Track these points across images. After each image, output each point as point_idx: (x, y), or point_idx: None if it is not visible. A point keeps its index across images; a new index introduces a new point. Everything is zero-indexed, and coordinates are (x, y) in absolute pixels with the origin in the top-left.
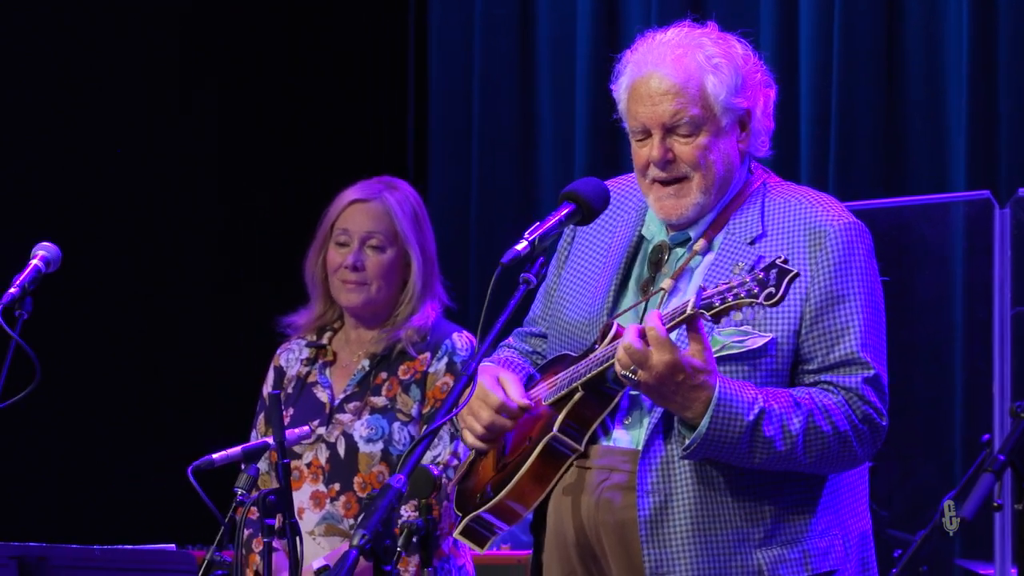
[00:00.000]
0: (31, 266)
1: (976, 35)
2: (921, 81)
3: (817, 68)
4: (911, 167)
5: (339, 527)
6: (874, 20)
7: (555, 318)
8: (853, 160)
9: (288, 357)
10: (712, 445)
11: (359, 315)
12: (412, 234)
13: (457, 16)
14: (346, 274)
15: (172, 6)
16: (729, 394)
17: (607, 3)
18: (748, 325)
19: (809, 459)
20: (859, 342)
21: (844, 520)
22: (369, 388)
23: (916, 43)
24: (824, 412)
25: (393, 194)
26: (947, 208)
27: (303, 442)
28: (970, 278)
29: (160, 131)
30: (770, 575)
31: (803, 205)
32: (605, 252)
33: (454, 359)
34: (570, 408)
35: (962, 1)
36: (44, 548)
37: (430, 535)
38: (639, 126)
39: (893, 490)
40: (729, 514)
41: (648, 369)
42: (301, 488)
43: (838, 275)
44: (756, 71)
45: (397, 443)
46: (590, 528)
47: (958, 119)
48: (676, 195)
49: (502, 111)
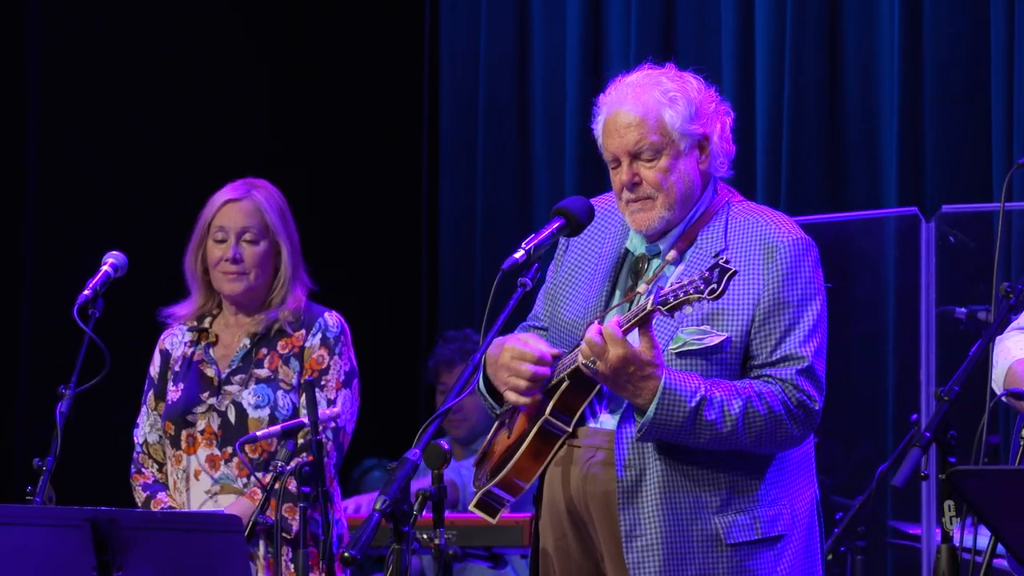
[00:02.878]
0: (102, 271)
1: (906, 76)
2: (858, 114)
3: (770, 103)
4: (850, 187)
5: (234, 486)
6: (818, 62)
7: (554, 316)
8: (801, 181)
9: (172, 341)
10: (660, 428)
11: (239, 302)
12: (280, 226)
13: (464, 59)
14: (227, 266)
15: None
16: (674, 384)
17: (592, 47)
18: (707, 325)
19: (749, 438)
20: (799, 341)
21: (792, 492)
22: (252, 362)
23: (854, 82)
24: (761, 398)
25: (260, 192)
26: (881, 222)
27: (195, 410)
28: (900, 283)
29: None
30: (725, 537)
31: (760, 223)
32: (596, 260)
33: (327, 334)
34: (559, 395)
35: (894, 47)
36: (113, 511)
37: (441, 501)
38: (611, 156)
39: (836, 462)
40: (691, 485)
41: (604, 361)
42: (196, 452)
43: (786, 284)
44: (711, 101)
45: (281, 408)
46: (579, 498)
47: (890, 146)
48: (644, 210)
49: (502, 140)
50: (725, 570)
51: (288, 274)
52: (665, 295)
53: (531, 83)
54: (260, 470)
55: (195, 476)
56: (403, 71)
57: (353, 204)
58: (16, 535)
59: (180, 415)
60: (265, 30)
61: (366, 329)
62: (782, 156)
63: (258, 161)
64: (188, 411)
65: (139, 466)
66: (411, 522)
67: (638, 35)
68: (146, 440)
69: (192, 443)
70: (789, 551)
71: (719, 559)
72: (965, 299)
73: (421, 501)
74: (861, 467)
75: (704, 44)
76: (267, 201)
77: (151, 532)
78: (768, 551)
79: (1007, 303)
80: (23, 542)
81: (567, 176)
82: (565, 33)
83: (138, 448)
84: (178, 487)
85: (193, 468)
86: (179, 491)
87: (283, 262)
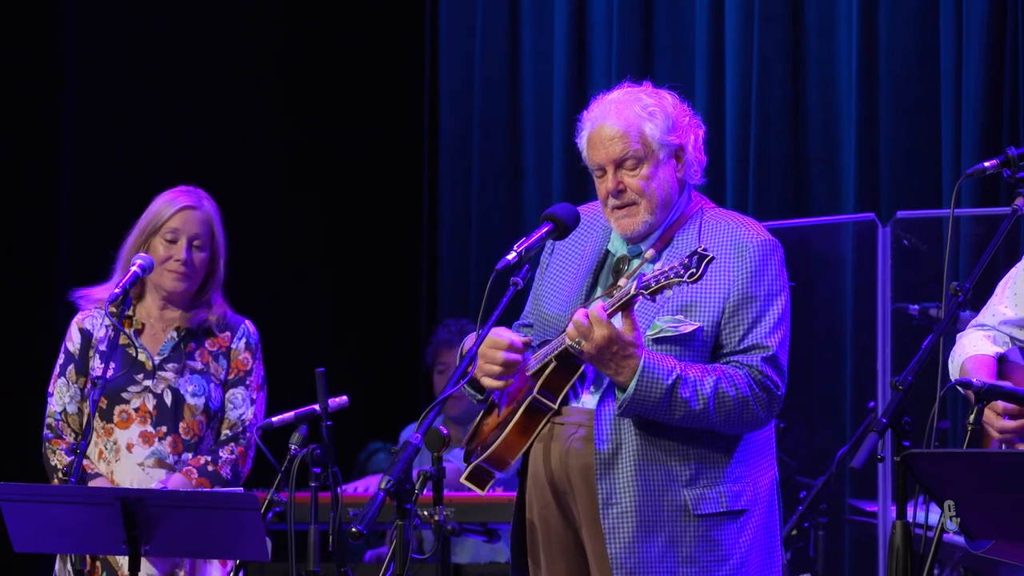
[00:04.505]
0: (131, 272)
1: (862, 93)
2: (820, 127)
3: (739, 117)
4: (812, 194)
5: (166, 461)
6: (782, 80)
7: (538, 312)
8: (767, 189)
9: (92, 322)
10: (639, 404)
11: (172, 298)
12: (221, 239)
13: (461, 80)
14: (177, 266)
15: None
16: (652, 364)
17: (577, 68)
18: (681, 315)
19: (719, 417)
20: (765, 332)
21: (754, 471)
22: (183, 354)
23: (816, 99)
24: (730, 380)
25: (210, 204)
26: (841, 227)
27: (130, 389)
28: (858, 282)
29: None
30: (693, 508)
31: (731, 225)
32: (578, 261)
33: (250, 340)
34: (546, 375)
35: (852, 66)
36: (141, 491)
37: (440, 481)
38: (596, 165)
39: (799, 446)
40: (664, 459)
41: (590, 340)
42: (130, 428)
43: (754, 280)
44: (685, 115)
45: (214, 399)
46: (561, 470)
47: (848, 157)
48: (628, 215)
49: (495, 152)
50: (692, 538)
51: (219, 281)
52: (648, 280)
53: (522, 101)
54: (191, 451)
55: (127, 449)
56: (407, 91)
57: (360, 209)
58: (55, 513)
59: (115, 392)
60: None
61: (371, 324)
62: (750, 166)
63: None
64: (123, 389)
65: (58, 432)
66: (413, 500)
67: (619, 57)
68: (65, 409)
69: (126, 419)
70: (751, 525)
71: (687, 528)
72: (918, 297)
73: (422, 481)
74: (822, 450)
75: (679, 65)
76: (215, 214)
77: (175, 510)
78: (732, 523)
79: (956, 301)
80: (62, 518)
81: (555, 185)
82: (552, 56)
83: (57, 416)
84: (105, 457)
85: (125, 441)
86: (105, 460)
87: (217, 270)
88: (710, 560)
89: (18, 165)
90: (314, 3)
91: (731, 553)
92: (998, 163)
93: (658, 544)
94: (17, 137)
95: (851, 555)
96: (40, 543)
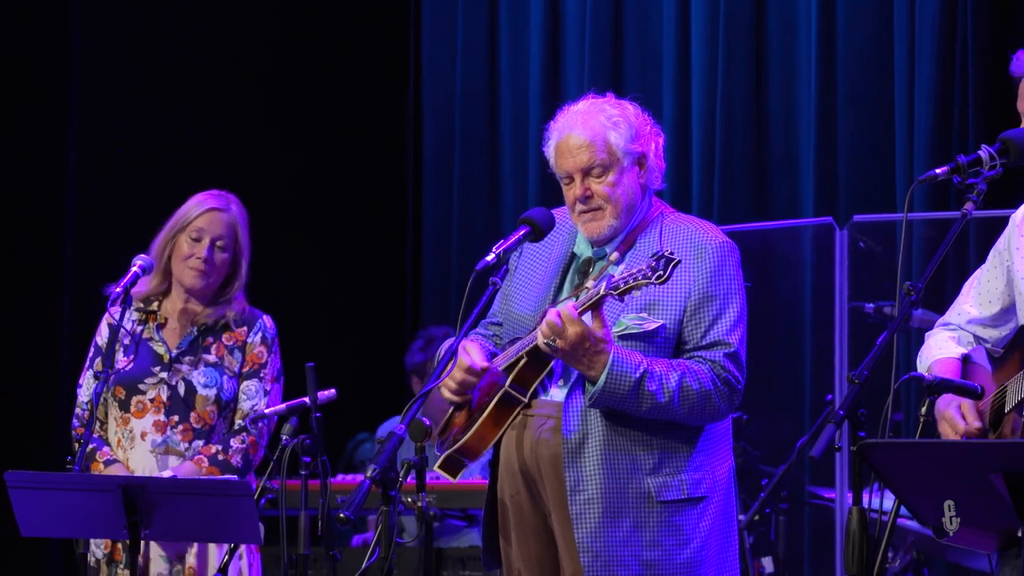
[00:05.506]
0: (131, 272)
1: (821, 104)
2: (781, 136)
3: (704, 127)
4: (774, 199)
5: (177, 448)
6: (745, 91)
7: (507, 311)
8: (731, 194)
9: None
10: (608, 396)
11: (195, 293)
12: (245, 243)
13: (443, 95)
14: (198, 263)
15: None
16: (621, 359)
17: (551, 83)
18: (646, 313)
19: (683, 409)
20: (725, 330)
21: (713, 461)
22: (200, 348)
23: (777, 109)
24: (694, 375)
25: (236, 208)
26: (800, 230)
27: (146, 380)
28: (817, 282)
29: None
30: (656, 495)
31: (690, 229)
32: (545, 263)
33: (266, 335)
34: (517, 370)
35: (811, 79)
36: (143, 479)
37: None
38: (564, 173)
39: (762, 437)
40: (628, 449)
41: (564, 338)
42: (144, 417)
43: (713, 280)
44: (646, 124)
45: (226, 390)
46: (531, 459)
47: (807, 164)
48: (595, 219)
49: (475, 162)
50: (655, 523)
51: (241, 281)
52: (616, 282)
53: (499, 114)
54: (202, 439)
55: (141, 437)
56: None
57: (350, 216)
58: (60, 499)
59: (132, 383)
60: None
61: (359, 321)
62: (715, 173)
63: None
64: (140, 380)
65: (84, 421)
66: (397, 487)
67: (591, 72)
68: (90, 399)
69: (141, 408)
70: (710, 511)
71: (651, 514)
72: (873, 296)
73: (406, 469)
74: (783, 441)
75: (647, 78)
76: (241, 218)
77: (174, 496)
78: (692, 509)
79: (909, 300)
80: (67, 504)
81: (530, 192)
82: (528, 72)
83: (83, 406)
84: (122, 444)
85: (140, 430)
86: (123, 448)
87: (239, 271)
88: (672, 544)
89: (20, 165)
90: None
91: (692, 537)
92: (949, 170)
93: (623, 529)
94: (17, 137)
95: (810, 539)
96: (46, 528)
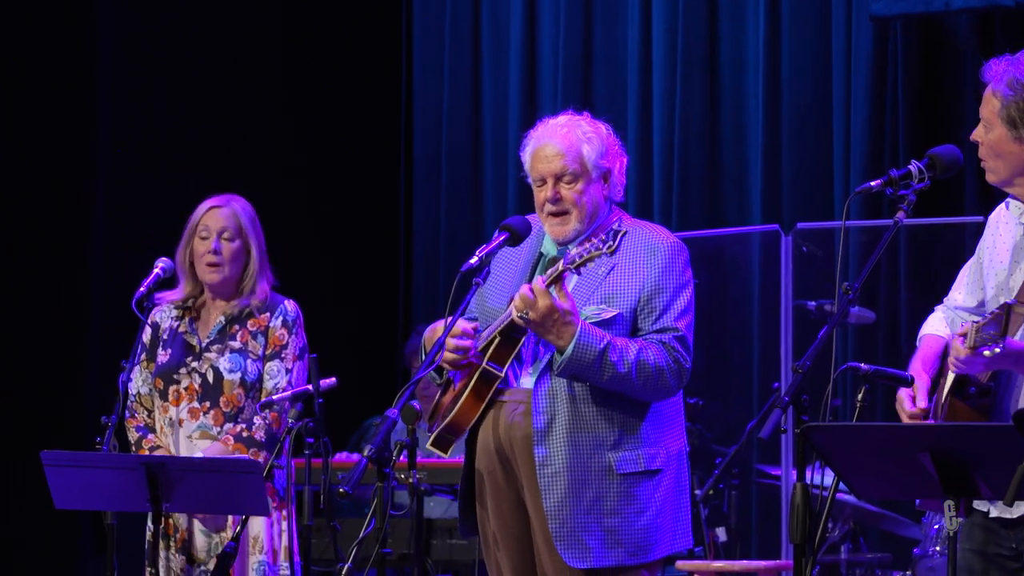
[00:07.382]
0: (153, 273)
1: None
2: (733, 153)
3: (664, 142)
4: (726, 208)
5: (210, 432)
6: (701, 112)
7: (482, 307)
8: (688, 204)
9: (161, 316)
10: (575, 364)
11: (216, 289)
12: (251, 230)
13: (432, 111)
14: (209, 257)
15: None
16: (587, 331)
17: (529, 102)
18: (604, 304)
19: (640, 381)
20: (673, 317)
21: (666, 437)
22: (227, 336)
23: (729, 127)
24: (649, 351)
25: (238, 202)
26: (749, 236)
27: (180, 371)
28: (764, 282)
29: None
30: (616, 468)
31: (644, 232)
32: (516, 263)
33: (287, 318)
34: (492, 349)
35: (759, 99)
36: (163, 458)
37: (414, 450)
38: (539, 176)
39: (715, 420)
40: (591, 427)
41: (535, 310)
42: (180, 405)
43: (664, 274)
44: (615, 144)
45: (250, 373)
46: (505, 440)
47: (756, 178)
48: (562, 223)
49: (460, 173)
50: (615, 494)
51: (256, 268)
52: (572, 257)
53: (482, 130)
54: (231, 421)
55: (179, 424)
56: (386, 120)
57: (346, 222)
58: (90, 475)
59: (168, 374)
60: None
61: (355, 318)
62: (673, 185)
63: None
64: (175, 371)
65: (132, 412)
66: (391, 465)
67: (564, 95)
68: (139, 392)
69: (177, 397)
70: (664, 483)
71: (611, 485)
72: (815, 295)
73: (399, 449)
74: (734, 423)
75: (614, 100)
76: (243, 210)
77: (192, 473)
78: (648, 481)
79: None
80: (95, 481)
81: (510, 201)
82: (508, 92)
83: (132, 397)
84: (164, 431)
85: (178, 417)
86: (165, 434)
87: (252, 259)
88: (630, 511)
89: (45, 167)
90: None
91: (648, 506)
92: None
93: (586, 499)
94: (17, 137)
95: (759, 511)
96: (77, 501)
